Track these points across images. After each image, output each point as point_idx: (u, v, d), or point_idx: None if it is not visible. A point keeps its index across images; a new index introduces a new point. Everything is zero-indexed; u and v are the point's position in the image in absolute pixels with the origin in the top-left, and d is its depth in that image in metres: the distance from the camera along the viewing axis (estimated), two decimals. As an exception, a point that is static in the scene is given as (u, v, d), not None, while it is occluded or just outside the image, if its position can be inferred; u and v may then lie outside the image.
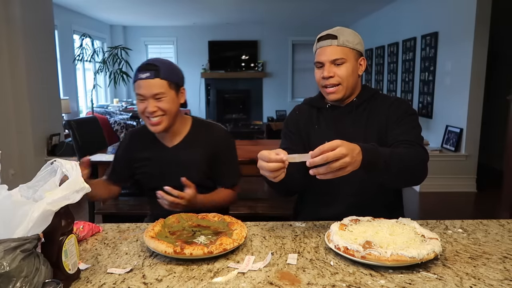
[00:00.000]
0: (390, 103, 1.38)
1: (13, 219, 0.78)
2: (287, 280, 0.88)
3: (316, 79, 1.40)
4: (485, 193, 4.23)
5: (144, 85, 1.38)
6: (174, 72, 1.44)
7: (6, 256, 0.73)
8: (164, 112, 1.41)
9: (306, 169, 1.03)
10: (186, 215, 1.20)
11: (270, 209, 2.55)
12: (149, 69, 1.38)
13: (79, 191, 0.83)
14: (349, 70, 1.34)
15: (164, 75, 1.39)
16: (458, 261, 0.97)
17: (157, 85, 1.38)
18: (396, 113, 1.35)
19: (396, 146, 1.25)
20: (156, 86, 1.38)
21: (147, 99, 1.39)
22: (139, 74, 1.39)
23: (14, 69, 3.87)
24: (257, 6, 6.50)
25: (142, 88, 1.39)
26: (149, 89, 1.38)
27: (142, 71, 1.39)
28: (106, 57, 6.21)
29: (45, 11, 4.33)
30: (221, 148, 1.52)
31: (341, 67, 1.34)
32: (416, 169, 1.20)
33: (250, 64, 8.76)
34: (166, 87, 1.40)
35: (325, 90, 1.38)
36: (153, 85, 1.38)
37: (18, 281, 0.73)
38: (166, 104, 1.40)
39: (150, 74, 1.38)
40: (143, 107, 1.41)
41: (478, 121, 4.26)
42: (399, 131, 1.30)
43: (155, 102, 1.39)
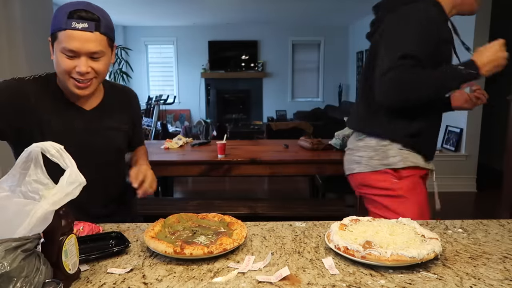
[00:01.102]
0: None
1: (14, 218, 0.78)
2: (287, 280, 0.88)
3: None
4: (485, 193, 4.24)
5: (79, 37, 1.09)
6: (111, 24, 1.20)
7: (7, 256, 0.73)
8: (97, 75, 1.18)
9: None
10: (186, 215, 1.20)
11: (270, 209, 2.55)
12: (87, 18, 1.10)
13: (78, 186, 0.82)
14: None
15: (104, 29, 1.14)
16: (458, 261, 0.97)
17: (97, 41, 1.12)
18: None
19: None
20: (96, 42, 1.12)
21: (80, 57, 1.13)
22: (72, 22, 1.08)
23: (14, 69, 3.86)
24: (257, 6, 6.50)
25: (76, 41, 1.09)
26: (85, 45, 1.11)
27: (77, 18, 1.09)
28: (106, 57, 6.22)
29: (45, 10, 4.34)
30: (137, 110, 1.54)
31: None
32: None
33: (250, 64, 8.76)
34: (105, 45, 1.16)
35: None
36: (91, 40, 1.11)
37: (19, 281, 0.73)
38: (102, 65, 1.17)
39: (90, 25, 1.10)
40: (71, 65, 1.13)
41: (478, 121, 4.27)
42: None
43: (89, 62, 1.14)
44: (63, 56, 1.13)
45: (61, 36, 1.11)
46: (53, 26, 1.14)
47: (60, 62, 1.14)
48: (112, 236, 1.10)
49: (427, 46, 1.33)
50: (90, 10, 1.12)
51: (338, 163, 2.80)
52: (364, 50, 7.47)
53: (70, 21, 1.09)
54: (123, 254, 1.02)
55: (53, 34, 1.14)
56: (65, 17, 1.09)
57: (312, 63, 8.93)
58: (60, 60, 1.14)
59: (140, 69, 8.64)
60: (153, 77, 8.87)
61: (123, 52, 6.27)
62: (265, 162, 2.69)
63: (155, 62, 8.87)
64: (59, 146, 0.82)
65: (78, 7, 1.11)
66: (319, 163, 2.76)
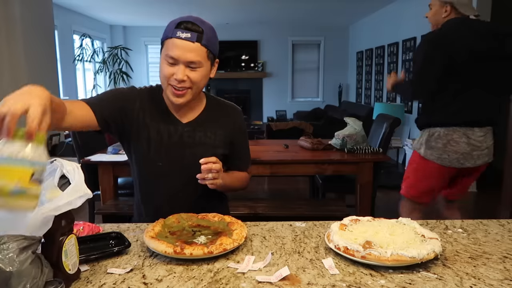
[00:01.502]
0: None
1: (14, 222, 0.78)
2: (287, 280, 0.88)
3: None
4: (485, 193, 4.23)
5: (181, 46, 1.16)
6: (215, 39, 1.24)
7: (20, 255, 0.73)
8: (192, 85, 1.22)
9: None
10: (186, 215, 1.20)
11: (270, 209, 2.55)
12: (192, 29, 1.17)
13: (82, 197, 0.83)
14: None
15: (206, 41, 1.19)
16: (458, 261, 0.97)
17: (197, 51, 1.18)
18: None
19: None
20: (195, 52, 1.18)
21: (179, 64, 1.19)
22: (178, 32, 1.16)
23: (14, 69, 3.87)
24: (257, 6, 6.51)
25: (178, 49, 1.17)
26: (185, 54, 1.17)
27: (183, 29, 1.16)
28: (106, 57, 6.23)
29: (45, 11, 4.34)
30: (238, 130, 1.42)
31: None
32: None
33: (250, 64, 8.76)
34: (204, 57, 1.20)
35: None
36: (191, 49, 1.17)
37: (28, 282, 0.73)
38: (199, 76, 1.21)
39: (192, 36, 1.16)
40: (171, 72, 1.20)
41: (478, 121, 4.26)
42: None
43: (187, 70, 1.19)
44: (165, 62, 1.21)
45: (167, 43, 1.20)
46: (163, 35, 1.23)
47: (162, 68, 1.23)
48: (112, 236, 1.10)
49: None
50: (197, 23, 1.19)
51: (338, 163, 2.81)
52: (364, 50, 7.48)
53: (176, 30, 1.17)
54: (123, 254, 1.02)
55: (162, 42, 1.23)
56: (173, 27, 1.18)
57: (312, 63, 8.93)
58: (162, 66, 1.23)
59: (140, 69, 8.64)
60: (153, 77, 8.87)
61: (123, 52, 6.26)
62: (265, 162, 2.69)
63: (155, 62, 8.87)
64: (76, 164, 0.87)
65: (187, 19, 1.19)
66: (319, 163, 2.76)
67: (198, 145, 1.33)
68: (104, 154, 2.95)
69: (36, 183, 0.72)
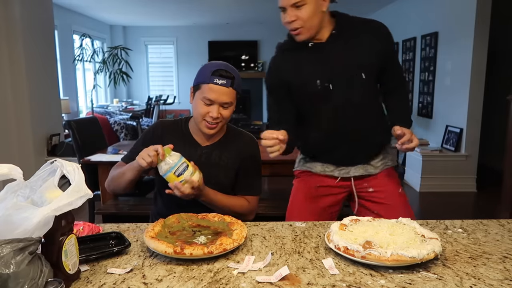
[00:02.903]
0: (377, 30, 1.47)
1: (15, 222, 0.78)
2: (287, 280, 0.88)
3: (283, 23, 1.45)
4: (485, 193, 4.24)
5: (218, 90, 1.35)
6: (241, 84, 1.45)
7: (16, 257, 0.73)
8: (223, 120, 1.41)
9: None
10: (186, 215, 1.20)
11: (270, 209, 2.55)
12: (226, 76, 1.37)
13: (83, 197, 0.83)
14: (310, 11, 1.36)
15: (236, 86, 1.40)
16: (458, 261, 0.97)
17: (229, 94, 1.37)
18: (389, 47, 1.50)
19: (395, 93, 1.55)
20: (228, 95, 1.37)
21: (214, 104, 1.37)
22: (215, 79, 1.35)
23: (14, 69, 3.87)
24: (257, 6, 6.50)
25: (214, 93, 1.35)
26: (221, 97, 1.36)
27: (219, 76, 1.36)
28: (106, 57, 6.22)
29: (45, 11, 4.33)
30: (249, 158, 1.52)
31: (302, 9, 1.36)
32: None
33: (250, 64, 8.76)
34: (234, 97, 1.40)
35: (292, 33, 1.43)
36: (226, 93, 1.36)
37: (26, 283, 0.73)
38: (229, 112, 1.41)
39: (227, 82, 1.36)
40: (206, 111, 1.38)
41: (478, 121, 4.26)
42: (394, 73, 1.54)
43: (220, 109, 1.38)
44: (202, 103, 1.38)
45: (204, 87, 1.37)
46: (197, 79, 1.41)
47: (198, 107, 1.39)
48: (112, 236, 1.10)
49: None
50: (229, 70, 1.39)
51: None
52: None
53: (213, 77, 1.36)
54: (123, 254, 1.02)
55: (196, 85, 1.41)
56: (209, 74, 1.36)
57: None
58: (198, 105, 1.39)
59: (140, 69, 8.64)
60: (153, 77, 8.88)
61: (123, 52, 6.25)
62: (265, 162, 2.68)
63: (155, 62, 8.88)
64: (77, 165, 0.89)
65: (220, 67, 1.39)
66: (319, 163, 2.75)
67: (213, 166, 1.45)
68: (104, 154, 2.95)
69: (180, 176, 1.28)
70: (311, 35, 1.42)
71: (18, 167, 0.86)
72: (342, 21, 1.47)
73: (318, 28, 1.41)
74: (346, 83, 1.43)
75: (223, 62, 1.44)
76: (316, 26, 1.40)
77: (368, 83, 1.45)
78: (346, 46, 1.43)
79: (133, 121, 6.10)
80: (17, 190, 0.86)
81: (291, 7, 1.37)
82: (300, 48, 1.47)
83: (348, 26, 1.46)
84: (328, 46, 1.44)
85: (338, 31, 1.44)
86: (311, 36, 1.42)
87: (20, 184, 0.87)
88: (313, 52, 1.45)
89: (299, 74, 1.47)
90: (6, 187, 0.87)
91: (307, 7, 1.36)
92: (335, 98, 1.44)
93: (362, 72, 1.43)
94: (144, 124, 6.34)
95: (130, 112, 6.88)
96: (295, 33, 1.42)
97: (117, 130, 5.88)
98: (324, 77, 1.43)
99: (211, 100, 1.36)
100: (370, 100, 1.50)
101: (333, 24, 1.46)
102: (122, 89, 8.30)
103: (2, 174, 0.83)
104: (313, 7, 1.36)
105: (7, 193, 0.85)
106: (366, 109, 1.48)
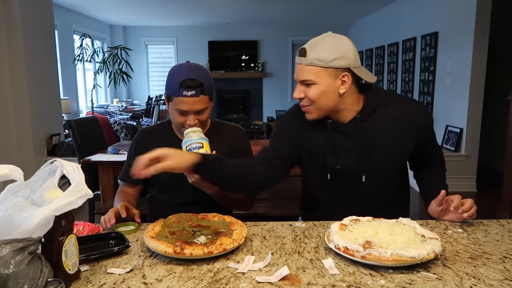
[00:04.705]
0: (418, 118, 1.27)
1: (15, 223, 0.78)
2: (287, 280, 0.88)
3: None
4: (485, 193, 4.23)
5: (189, 102, 1.34)
6: (212, 83, 1.42)
7: (15, 257, 0.73)
8: (202, 123, 1.41)
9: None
10: (186, 215, 1.20)
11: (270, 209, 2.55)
12: (194, 86, 1.33)
13: (83, 197, 0.83)
14: (320, 92, 1.19)
15: (207, 91, 1.37)
16: (458, 261, 0.97)
17: (202, 102, 1.36)
18: (428, 131, 1.33)
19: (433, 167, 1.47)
20: (201, 103, 1.36)
21: (189, 114, 1.37)
22: (183, 91, 1.33)
23: (14, 69, 3.87)
24: (257, 6, 6.50)
25: (186, 104, 1.35)
26: (194, 106, 1.35)
27: (186, 88, 1.33)
28: (106, 57, 6.22)
29: (45, 11, 4.33)
30: (237, 146, 1.51)
31: (310, 88, 1.20)
32: None
33: (250, 64, 8.76)
34: (207, 101, 1.39)
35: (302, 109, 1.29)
36: (197, 102, 1.35)
37: (26, 283, 0.73)
38: (206, 115, 1.41)
39: (196, 92, 1.33)
40: (183, 120, 1.38)
41: (478, 121, 4.26)
42: (431, 151, 1.44)
43: (196, 116, 1.38)
44: (176, 113, 1.39)
45: (175, 100, 1.36)
46: (168, 89, 1.40)
47: (175, 117, 1.41)
48: (112, 236, 1.10)
49: None
50: (195, 78, 1.34)
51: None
52: (364, 50, 7.48)
53: (181, 90, 1.33)
54: (123, 254, 1.02)
55: (168, 96, 1.41)
56: (177, 86, 1.34)
57: (312, 63, 8.92)
58: (175, 115, 1.40)
59: (140, 69, 8.64)
60: (153, 77, 8.87)
61: (123, 52, 6.25)
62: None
63: (155, 62, 8.88)
64: (77, 165, 0.89)
65: (187, 77, 1.34)
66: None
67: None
68: (104, 154, 2.95)
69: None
70: (320, 116, 1.26)
71: (19, 168, 0.86)
72: (372, 102, 1.26)
73: (333, 110, 1.25)
74: (358, 173, 1.28)
75: (190, 67, 1.39)
76: (329, 109, 1.24)
77: (388, 174, 1.31)
78: (369, 135, 1.25)
79: (133, 121, 6.10)
80: (18, 191, 0.86)
81: (301, 83, 1.24)
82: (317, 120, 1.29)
83: (378, 109, 1.26)
84: (348, 131, 1.27)
85: (363, 116, 1.25)
86: (321, 116, 1.26)
87: (20, 185, 0.87)
88: (331, 130, 1.28)
89: (310, 142, 1.32)
90: (6, 188, 0.87)
91: (316, 87, 1.20)
92: (346, 183, 1.30)
93: (384, 166, 1.28)
94: (144, 124, 6.34)
95: (130, 112, 6.88)
96: (304, 110, 1.27)
97: (117, 130, 5.88)
98: (337, 161, 1.28)
99: (184, 111, 1.36)
100: (388, 186, 1.34)
101: (361, 104, 1.27)
102: (122, 89, 8.30)
103: (3, 175, 0.83)
104: (324, 89, 1.19)
105: (7, 194, 0.86)
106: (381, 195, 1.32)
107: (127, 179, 1.53)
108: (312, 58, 1.18)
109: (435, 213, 1.28)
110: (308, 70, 1.19)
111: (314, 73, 1.19)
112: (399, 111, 1.26)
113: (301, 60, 1.21)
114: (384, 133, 1.25)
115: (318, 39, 1.22)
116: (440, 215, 1.26)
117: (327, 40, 1.21)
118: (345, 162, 1.28)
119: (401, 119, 1.25)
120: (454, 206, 1.20)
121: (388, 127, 1.25)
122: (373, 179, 1.28)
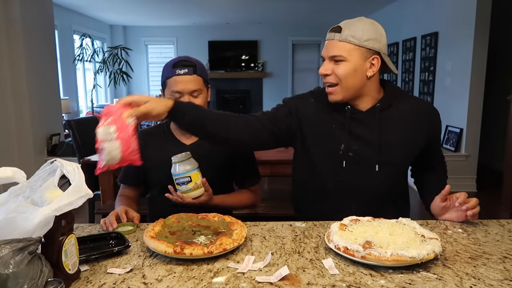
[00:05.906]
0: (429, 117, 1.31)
1: (16, 222, 0.78)
2: (287, 280, 0.88)
3: (319, 73, 1.29)
4: (485, 193, 4.23)
5: (182, 80, 1.35)
6: (205, 70, 1.44)
7: (15, 257, 0.73)
8: None
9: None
10: (186, 215, 1.20)
11: (270, 209, 2.55)
12: (187, 65, 1.36)
13: (83, 197, 0.83)
14: (349, 70, 1.19)
15: (200, 72, 1.39)
16: (458, 261, 0.97)
17: (195, 81, 1.37)
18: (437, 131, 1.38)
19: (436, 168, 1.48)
20: (194, 82, 1.36)
21: (184, 96, 1.36)
22: (176, 70, 1.36)
23: (14, 69, 3.87)
24: (257, 6, 6.50)
25: (180, 84, 1.35)
26: (187, 85, 1.35)
27: (179, 67, 1.36)
28: (106, 57, 6.22)
29: (45, 11, 4.33)
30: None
31: (340, 65, 1.20)
32: None
33: (250, 64, 8.76)
34: (202, 84, 1.39)
35: (326, 90, 1.27)
36: (191, 81, 1.36)
37: (25, 283, 0.73)
38: (201, 101, 1.39)
39: (188, 70, 1.36)
40: None
41: (478, 121, 4.26)
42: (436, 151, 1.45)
43: (191, 99, 1.36)
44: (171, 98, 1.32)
45: (169, 82, 1.38)
46: (162, 77, 1.42)
47: None
48: (112, 236, 1.10)
49: None
50: (189, 60, 1.40)
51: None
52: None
53: (175, 69, 1.37)
54: (123, 254, 1.02)
55: (163, 83, 1.42)
56: (171, 68, 1.38)
57: (312, 63, 8.92)
58: None
59: (140, 69, 8.64)
60: (153, 77, 8.87)
61: (123, 52, 6.26)
62: (265, 162, 2.69)
63: (155, 62, 8.87)
64: (77, 165, 0.89)
65: (180, 59, 1.40)
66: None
67: (201, 163, 1.37)
68: (104, 154, 2.94)
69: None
70: (345, 98, 1.24)
71: (22, 170, 0.86)
72: (391, 94, 1.30)
73: (357, 93, 1.25)
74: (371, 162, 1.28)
75: (183, 55, 1.44)
76: (354, 90, 1.23)
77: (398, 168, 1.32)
78: (385, 126, 1.26)
79: (133, 121, 6.08)
80: (20, 194, 0.86)
81: (329, 59, 1.22)
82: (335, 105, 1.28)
83: (396, 103, 1.29)
84: (365, 119, 1.27)
85: (383, 106, 1.27)
86: (346, 99, 1.25)
87: (23, 188, 0.87)
88: (348, 116, 1.27)
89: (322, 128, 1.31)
90: (9, 190, 0.87)
91: (346, 64, 1.19)
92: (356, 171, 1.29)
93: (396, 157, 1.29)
94: (144, 123, 6.33)
95: (130, 112, 6.86)
96: (328, 91, 1.26)
97: (117, 130, 5.87)
98: (351, 148, 1.27)
99: (179, 92, 1.36)
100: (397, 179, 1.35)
101: (380, 95, 1.29)
102: (122, 89, 8.29)
103: (6, 177, 0.83)
104: (353, 67, 1.19)
105: (10, 196, 0.86)
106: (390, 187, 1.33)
107: (126, 181, 1.53)
108: (347, 35, 1.19)
109: (438, 209, 1.28)
110: (341, 46, 1.19)
111: (346, 50, 1.19)
112: (414, 108, 1.30)
113: (334, 35, 1.21)
114: (400, 127, 1.28)
115: (354, 20, 1.23)
116: (442, 212, 1.26)
117: (364, 21, 1.22)
118: (359, 149, 1.28)
119: (416, 115, 1.29)
120: (460, 201, 1.20)
121: (403, 122, 1.28)
122: (384, 171, 1.29)
